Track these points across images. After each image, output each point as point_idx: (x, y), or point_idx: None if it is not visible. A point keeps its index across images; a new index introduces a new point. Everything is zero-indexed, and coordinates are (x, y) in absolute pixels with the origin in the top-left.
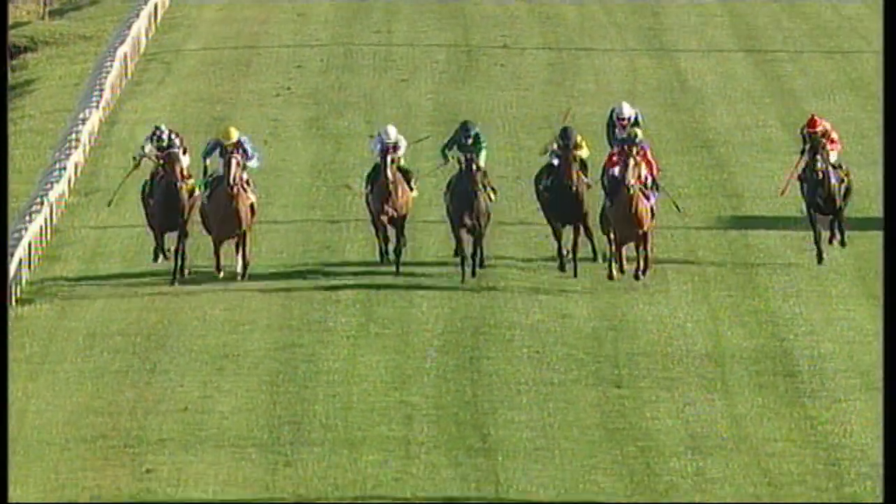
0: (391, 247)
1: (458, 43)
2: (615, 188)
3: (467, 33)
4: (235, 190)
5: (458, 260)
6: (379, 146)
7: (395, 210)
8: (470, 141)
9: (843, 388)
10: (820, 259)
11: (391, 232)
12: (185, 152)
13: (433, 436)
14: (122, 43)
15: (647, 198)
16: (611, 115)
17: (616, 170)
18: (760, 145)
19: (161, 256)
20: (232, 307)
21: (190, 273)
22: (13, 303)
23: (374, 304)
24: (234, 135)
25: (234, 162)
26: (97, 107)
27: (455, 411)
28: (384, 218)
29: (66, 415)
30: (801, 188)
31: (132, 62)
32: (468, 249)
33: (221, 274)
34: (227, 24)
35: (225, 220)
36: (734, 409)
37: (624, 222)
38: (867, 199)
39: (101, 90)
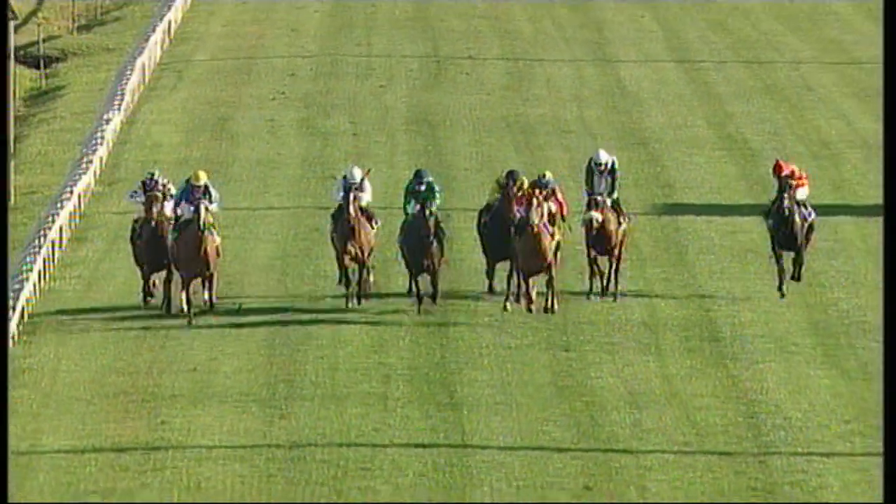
0: (352, 289)
1: (428, 54)
2: (521, 225)
3: (437, 45)
4: (205, 234)
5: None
6: (342, 189)
7: (359, 248)
8: (423, 188)
9: (761, 352)
10: (782, 294)
11: (353, 270)
12: (169, 198)
13: (407, 392)
14: (140, 54)
15: (552, 235)
16: (589, 162)
17: (522, 209)
18: (689, 142)
19: (149, 297)
20: (234, 281)
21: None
22: (46, 278)
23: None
24: (203, 178)
25: (202, 207)
26: (119, 109)
27: (426, 371)
28: (347, 257)
29: (92, 374)
30: (767, 224)
31: (149, 70)
32: (425, 287)
33: (191, 318)
34: (230, 38)
35: (193, 260)
36: (666, 370)
37: (529, 256)
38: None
39: (122, 94)
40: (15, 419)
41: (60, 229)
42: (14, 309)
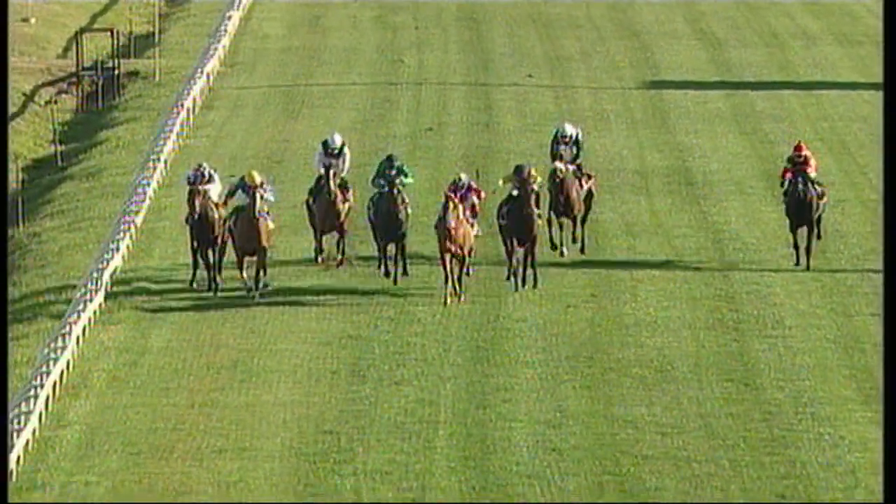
0: (327, 254)
1: None
2: (440, 220)
3: None
4: (259, 217)
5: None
6: (321, 160)
7: (337, 219)
8: (394, 172)
9: (725, 193)
10: (798, 263)
11: (328, 239)
12: (210, 181)
13: None
14: None
15: (472, 226)
16: (555, 134)
17: (441, 209)
18: (670, 34)
19: (195, 281)
20: (323, 133)
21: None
22: (184, 135)
23: (421, 131)
24: (258, 178)
25: (258, 195)
26: (238, 7)
27: None
28: (327, 226)
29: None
30: (785, 203)
31: None
32: (392, 257)
33: (252, 288)
34: None
35: (248, 239)
36: (653, 206)
37: (448, 245)
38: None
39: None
40: (160, 244)
41: (193, 100)
42: (158, 160)
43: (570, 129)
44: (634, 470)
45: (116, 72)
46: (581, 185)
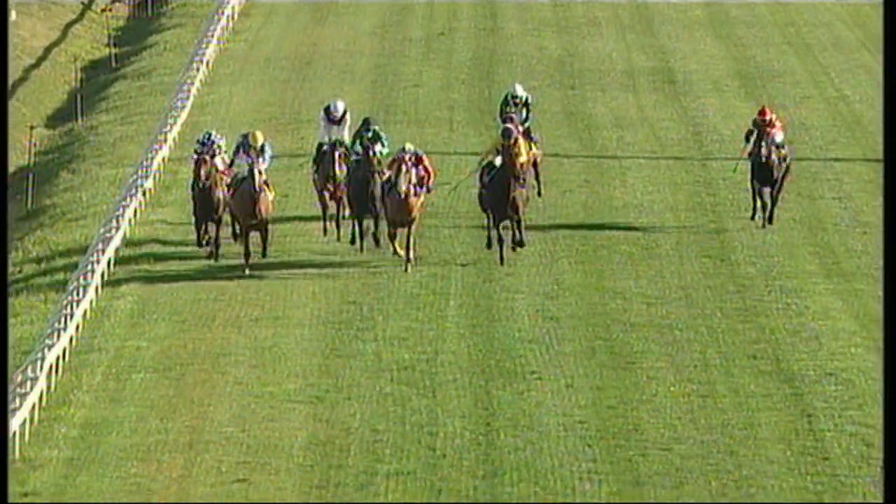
0: (331, 215)
1: None
2: (391, 187)
3: None
4: (260, 193)
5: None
6: (325, 128)
7: (337, 190)
8: (370, 135)
9: (703, 90)
10: (762, 223)
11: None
12: (220, 153)
13: (467, 116)
14: None
15: (418, 195)
16: (505, 96)
17: (391, 174)
18: None
19: (205, 246)
20: (349, 41)
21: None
22: (225, 41)
23: (434, 35)
24: (260, 139)
25: (256, 170)
26: None
27: (479, 113)
28: (327, 194)
29: (253, 104)
30: (750, 163)
31: None
32: (368, 228)
33: (247, 265)
34: None
35: (248, 215)
36: (639, 102)
37: (397, 213)
38: None
39: None
40: None
41: (233, 8)
42: (201, 62)
43: (520, 91)
44: (623, 336)
45: None
46: (530, 148)
